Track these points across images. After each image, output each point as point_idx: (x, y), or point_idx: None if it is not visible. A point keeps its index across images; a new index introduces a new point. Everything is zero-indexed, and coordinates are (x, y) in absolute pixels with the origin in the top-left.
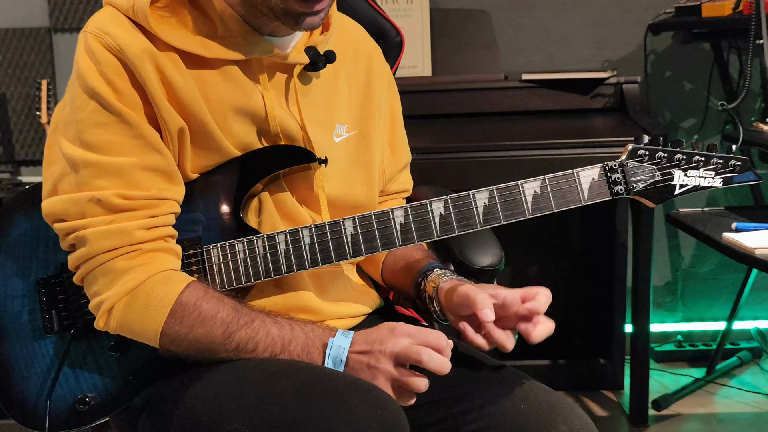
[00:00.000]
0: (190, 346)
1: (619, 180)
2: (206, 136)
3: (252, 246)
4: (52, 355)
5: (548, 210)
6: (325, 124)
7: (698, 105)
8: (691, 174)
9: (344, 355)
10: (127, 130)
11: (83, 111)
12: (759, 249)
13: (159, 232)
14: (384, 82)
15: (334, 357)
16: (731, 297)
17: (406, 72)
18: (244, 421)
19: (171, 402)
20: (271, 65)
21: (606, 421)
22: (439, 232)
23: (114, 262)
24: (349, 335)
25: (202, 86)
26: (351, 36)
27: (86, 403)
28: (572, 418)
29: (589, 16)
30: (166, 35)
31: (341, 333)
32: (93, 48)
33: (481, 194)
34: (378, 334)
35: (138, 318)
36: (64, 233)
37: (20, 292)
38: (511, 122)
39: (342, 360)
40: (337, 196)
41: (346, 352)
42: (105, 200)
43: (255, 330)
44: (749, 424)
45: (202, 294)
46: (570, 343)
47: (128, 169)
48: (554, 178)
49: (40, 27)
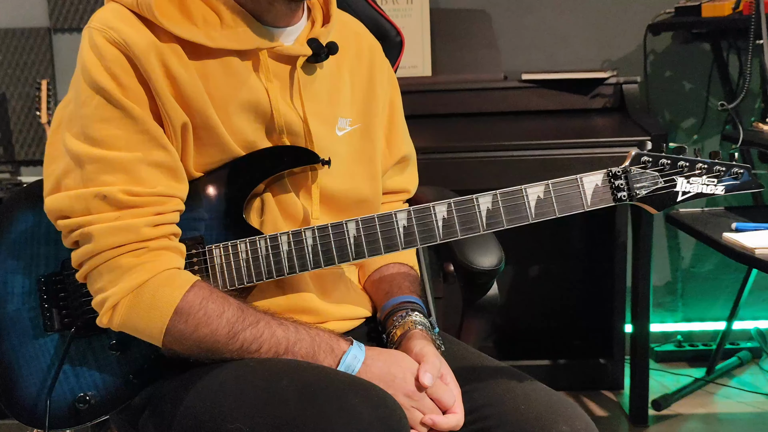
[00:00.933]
0: (193, 345)
1: (622, 186)
2: (209, 132)
3: (255, 246)
4: (52, 354)
5: (551, 215)
6: (328, 118)
7: (698, 105)
8: (694, 181)
9: (357, 367)
10: (132, 125)
11: (88, 106)
12: (759, 249)
13: (165, 230)
14: (385, 76)
15: (348, 366)
16: (731, 297)
17: (406, 72)
18: (245, 420)
19: (172, 401)
20: (274, 57)
21: (606, 421)
22: (442, 235)
23: (120, 258)
24: (363, 348)
25: (204, 79)
26: (352, 29)
27: (86, 402)
28: (573, 418)
29: (589, 16)
30: (171, 25)
31: (357, 344)
32: (97, 43)
33: (485, 198)
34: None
35: (143, 316)
36: (68, 230)
37: (21, 289)
38: (511, 122)
39: (354, 371)
40: (340, 191)
41: (360, 364)
42: (111, 196)
43: (260, 331)
44: (749, 424)
45: (207, 294)
46: (570, 343)
47: (134, 165)
48: (557, 183)
49: (40, 27)
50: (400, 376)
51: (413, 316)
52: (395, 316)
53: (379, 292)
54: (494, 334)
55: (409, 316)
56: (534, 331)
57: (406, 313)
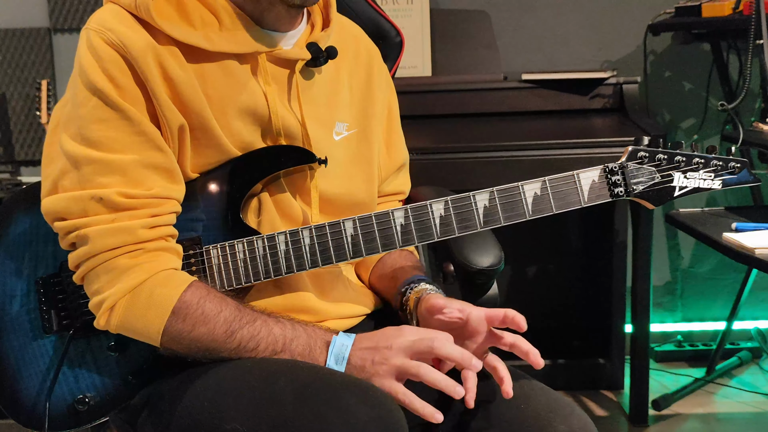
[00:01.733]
0: (191, 344)
1: (619, 182)
2: (206, 134)
3: (252, 246)
4: (51, 355)
5: (548, 211)
6: (326, 122)
7: (698, 105)
8: (691, 176)
9: (347, 352)
10: (128, 127)
11: (85, 107)
12: (759, 249)
13: (161, 231)
14: (383, 80)
15: (337, 354)
16: (731, 297)
17: (406, 72)
18: (243, 420)
19: (170, 401)
20: (273, 61)
21: (606, 421)
22: (439, 233)
23: (116, 260)
24: (352, 335)
25: (202, 82)
26: (351, 32)
27: (85, 403)
28: (572, 417)
29: (589, 16)
30: (169, 28)
31: (344, 333)
32: (95, 44)
33: (482, 195)
34: (383, 333)
35: (140, 316)
36: (64, 232)
37: (19, 291)
38: (510, 122)
39: (344, 357)
40: (336, 195)
41: (349, 349)
42: (107, 198)
43: (257, 329)
44: (749, 423)
45: (204, 293)
46: (569, 342)
47: (130, 167)
48: (554, 179)
49: (40, 27)
50: (382, 338)
51: (421, 285)
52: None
53: (386, 282)
54: None
55: (419, 285)
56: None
57: (416, 284)
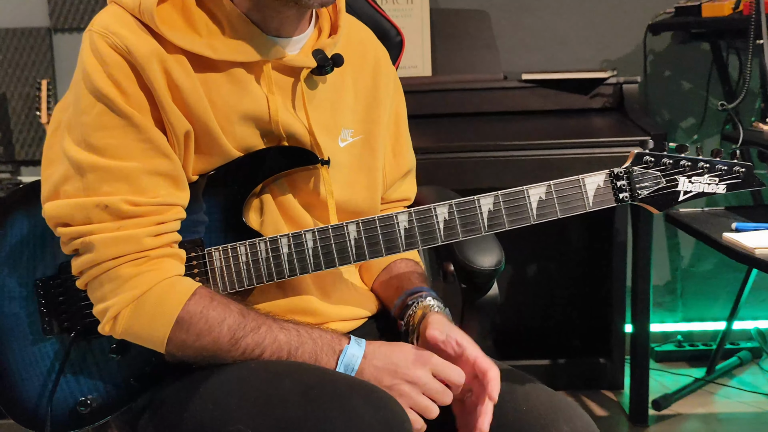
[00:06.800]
0: (196, 353)
1: (624, 187)
2: (210, 140)
3: (255, 249)
4: (52, 358)
5: (553, 216)
6: (331, 129)
7: (697, 105)
8: (696, 180)
9: (357, 364)
10: (134, 134)
11: (89, 114)
12: (759, 249)
13: (166, 239)
14: (390, 85)
15: (347, 365)
16: (731, 297)
17: (406, 72)
18: (247, 421)
19: (172, 403)
20: (278, 68)
21: (606, 420)
22: (443, 237)
23: (120, 268)
24: (362, 343)
25: (207, 90)
26: (359, 37)
27: (87, 405)
28: (573, 418)
29: (589, 16)
30: (173, 36)
31: (355, 341)
32: (99, 48)
33: (486, 200)
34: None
35: (144, 325)
36: (68, 238)
37: (19, 293)
38: (510, 122)
39: (354, 369)
40: (339, 201)
41: (359, 361)
42: (112, 206)
43: (262, 336)
44: (749, 423)
45: (208, 301)
46: (570, 342)
47: (135, 174)
48: (559, 184)
49: (40, 27)
50: (402, 364)
51: (428, 300)
52: (411, 301)
53: (389, 289)
54: (494, 333)
55: (426, 300)
56: (534, 330)
57: (422, 297)
